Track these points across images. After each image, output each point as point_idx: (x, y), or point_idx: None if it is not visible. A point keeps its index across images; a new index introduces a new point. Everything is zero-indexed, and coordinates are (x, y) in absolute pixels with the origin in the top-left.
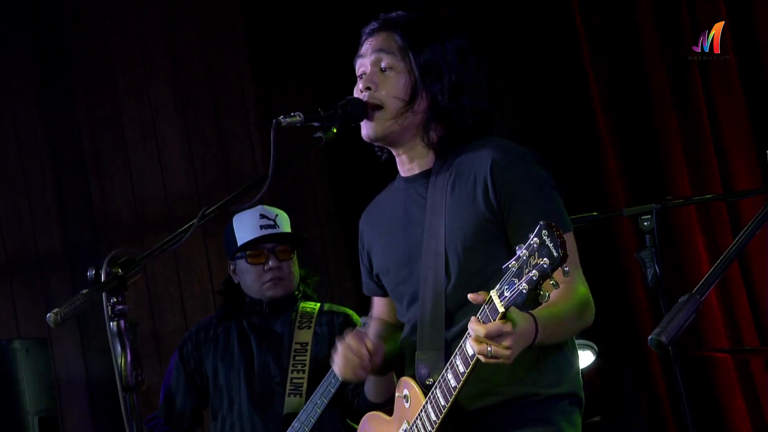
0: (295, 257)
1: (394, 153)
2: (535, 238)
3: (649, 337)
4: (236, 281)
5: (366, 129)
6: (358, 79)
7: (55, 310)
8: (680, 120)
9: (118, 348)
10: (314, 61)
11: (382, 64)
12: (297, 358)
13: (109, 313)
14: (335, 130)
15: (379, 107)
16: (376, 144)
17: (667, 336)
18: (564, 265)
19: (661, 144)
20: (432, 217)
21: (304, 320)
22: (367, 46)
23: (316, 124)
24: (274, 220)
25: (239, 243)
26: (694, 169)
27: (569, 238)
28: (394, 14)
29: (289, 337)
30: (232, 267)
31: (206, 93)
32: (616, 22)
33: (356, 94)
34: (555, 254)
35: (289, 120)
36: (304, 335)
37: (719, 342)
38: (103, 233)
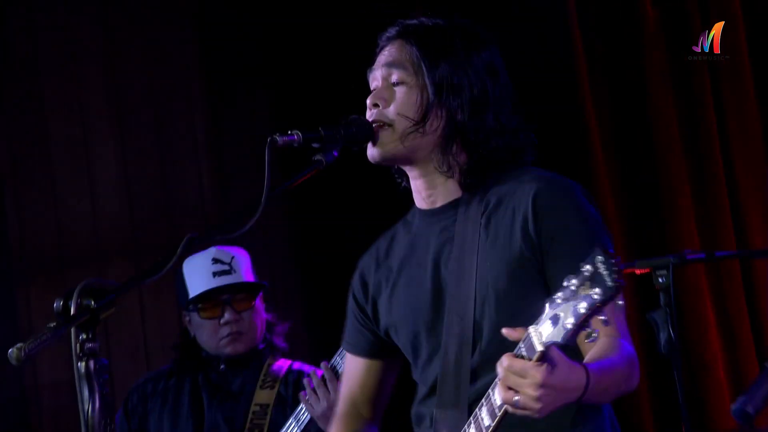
0: (257, 303)
1: (410, 178)
2: (588, 266)
3: (733, 407)
4: (192, 335)
5: (370, 150)
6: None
7: (19, 345)
8: (691, 166)
9: (86, 392)
10: (272, 77)
11: (393, 78)
12: (255, 421)
13: (78, 351)
14: (336, 153)
15: (385, 126)
16: (386, 165)
17: (754, 406)
18: (617, 298)
19: (668, 191)
20: (462, 254)
21: (269, 379)
22: (380, 58)
23: (315, 145)
24: (230, 264)
25: (190, 294)
26: (704, 221)
27: None
28: (413, 21)
29: (249, 397)
30: (186, 318)
31: (148, 107)
32: (621, 55)
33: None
34: (609, 283)
35: (285, 139)
36: (266, 396)
37: None
38: (19, 265)
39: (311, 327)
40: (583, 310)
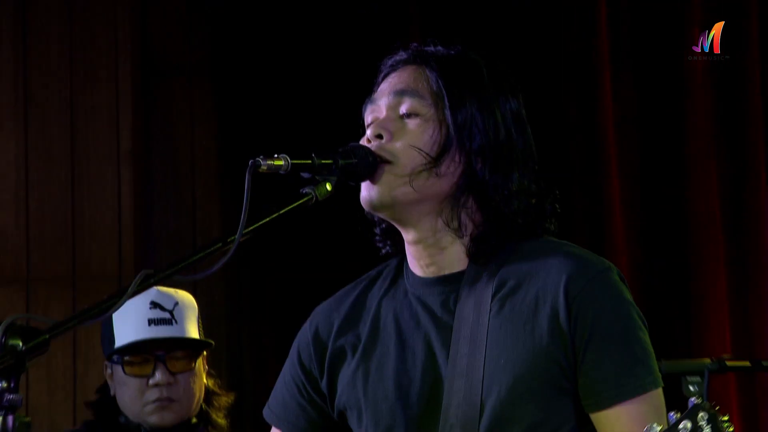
0: (199, 365)
1: (406, 242)
2: (687, 422)
3: None
4: (112, 392)
5: (367, 190)
6: (367, 128)
7: None
8: (728, 254)
9: None
10: (215, 79)
11: (403, 109)
12: None
13: None
14: (330, 187)
15: (389, 161)
16: (378, 216)
17: None
18: None
19: (700, 278)
20: (463, 344)
21: None
22: (384, 86)
23: (305, 174)
24: (172, 312)
25: (116, 343)
26: (741, 317)
27: (656, 396)
28: (430, 47)
29: None
30: (108, 371)
31: (61, 100)
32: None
33: None
34: None
35: (270, 164)
36: None
37: None
38: None
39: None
40: None
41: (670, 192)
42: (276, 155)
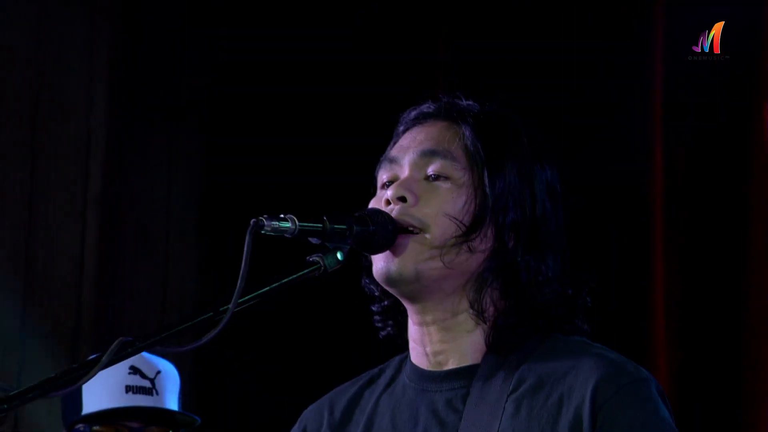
0: None
1: (412, 323)
2: None
3: None
4: None
5: (385, 261)
6: (381, 189)
7: None
8: None
9: None
10: (203, 115)
11: (430, 170)
12: None
13: None
14: (341, 257)
15: (415, 231)
16: (390, 290)
17: None
18: None
19: (755, 380)
20: None
21: None
22: (407, 142)
23: (314, 240)
24: (153, 381)
25: (84, 408)
26: None
27: None
28: (462, 101)
29: None
30: None
31: (21, 135)
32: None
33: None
34: None
35: (276, 225)
36: None
37: None
38: None
39: None
40: None
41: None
42: (282, 215)
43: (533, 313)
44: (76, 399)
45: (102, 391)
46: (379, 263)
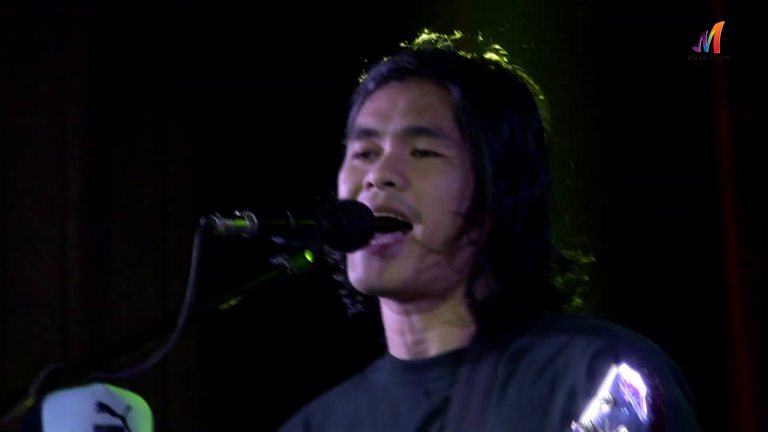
0: None
1: (389, 312)
2: (607, 393)
3: None
4: None
5: (367, 271)
6: (353, 160)
7: None
8: None
9: None
10: (196, 103)
11: (419, 146)
12: None
13: None
14: (310, 258)
15: (406, 225)
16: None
17: None
18: None
19: None
20: None
21: None
22: (384, 104)
23: (278, 240)
24: (124, 419)
25: None
26: None
27: None
28: (442, 47)
29: None
30: None
31: None
32: None
33: (345, 191)
34: (642, 418)
35: (229, 224)
36: None
37: None
38: None
39: None
40: None
41: None
42: (238, 213)
43: (532, 297)
44: None
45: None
46: (358, 272)
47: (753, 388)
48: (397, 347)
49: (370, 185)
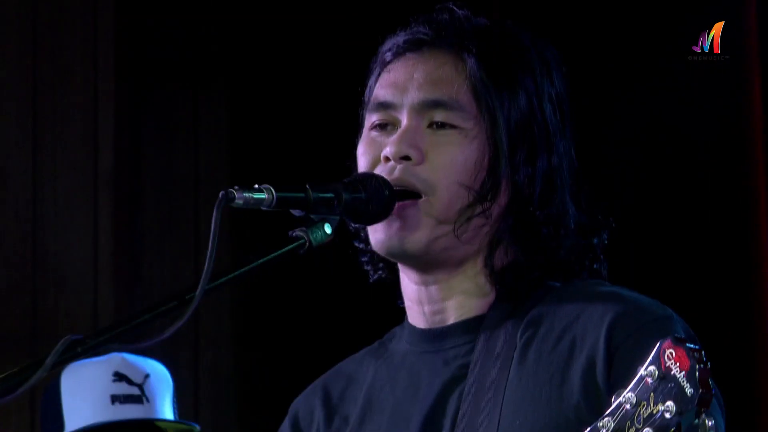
0: None
1: (408, 281)
2: (651, 367)
3: None
4: None
5: (387, 234)
6: (371, 131)
7: None
8: None
9: None
10: (229, 78)
11: (437, 117)
12: None
13: None
14: (329, 230)
15: (422, 197)
16: (395, 260)
17: None
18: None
19: None
20: (477, 399)
21: None
22: (401, 76)
23: (297, 212)
24: (141, 387)
25: (67, 425)
26: None
27: None
28: (460, 14)
29: None
30: None
31: (20, 110)
32: None
33: (363, 164)
34: (688, 392)
35: (248, 196)
36: None
37: None
38: None
39: None
40: None
41: None
42: (257, 185)
43: (551, 264)
44: (57, 415)
45: (84, 405)
46: (379, 234)
47: None
48: (416, 316)
49: (387, 159)
